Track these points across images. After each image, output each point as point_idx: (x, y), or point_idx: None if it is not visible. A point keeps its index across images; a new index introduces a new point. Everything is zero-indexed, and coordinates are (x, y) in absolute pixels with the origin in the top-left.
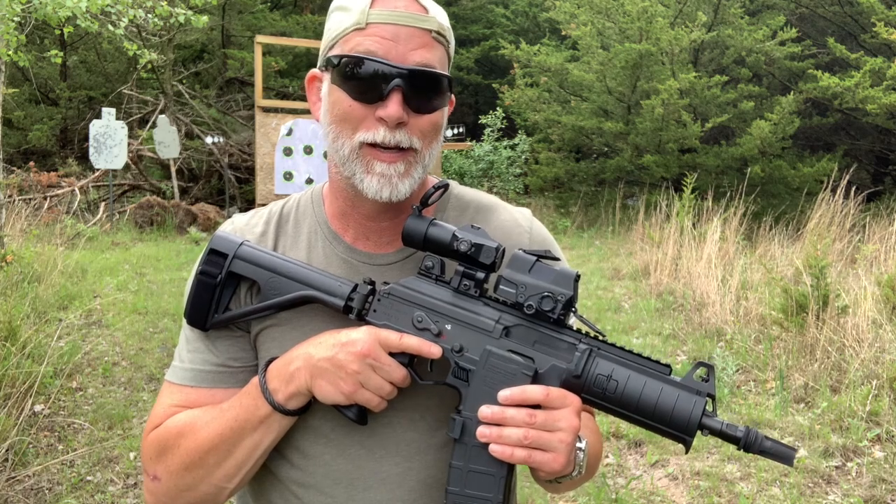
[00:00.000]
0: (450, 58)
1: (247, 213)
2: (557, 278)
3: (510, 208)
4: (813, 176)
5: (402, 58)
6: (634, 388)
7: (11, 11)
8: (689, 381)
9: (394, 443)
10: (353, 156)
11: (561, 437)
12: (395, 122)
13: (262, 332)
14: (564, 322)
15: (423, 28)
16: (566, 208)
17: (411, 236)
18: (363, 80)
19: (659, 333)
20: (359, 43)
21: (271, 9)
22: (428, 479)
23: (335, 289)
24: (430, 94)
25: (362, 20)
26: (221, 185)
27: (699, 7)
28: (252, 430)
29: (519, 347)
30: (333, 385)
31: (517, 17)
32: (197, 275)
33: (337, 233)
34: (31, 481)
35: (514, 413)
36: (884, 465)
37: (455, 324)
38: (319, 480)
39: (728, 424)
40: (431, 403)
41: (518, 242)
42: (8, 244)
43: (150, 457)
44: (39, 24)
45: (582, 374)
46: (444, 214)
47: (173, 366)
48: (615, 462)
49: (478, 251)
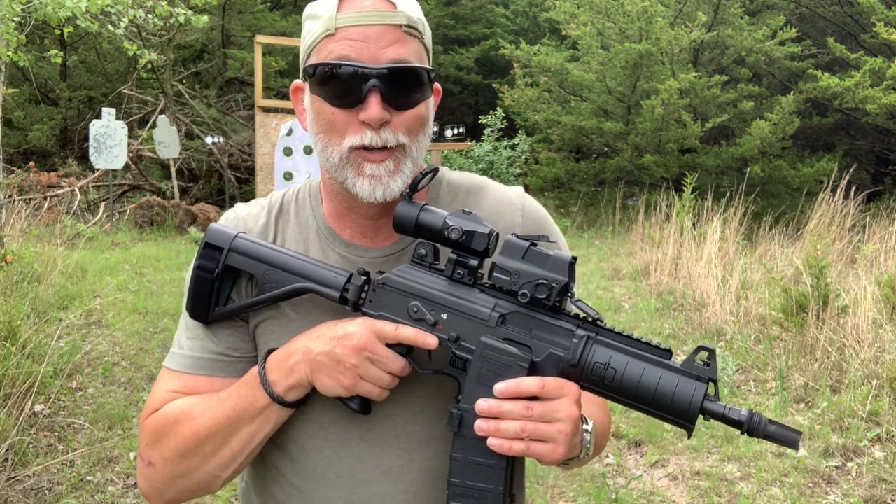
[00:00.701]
0: (427, 48)
1: (248, 203)
2: (552, 264)
3: (501, 187)
4: (813, 176)
5: (374, 57)
6: (633, 375)
7: (12, 11)
8: (689, 366)
9: (394, 435)
10: (344, 161)
11: (559, 427)
12: (378, 123)
13: (261, 325)
14: (561, 308)
15: (392, 24)
16: (566, 208)
17: (402, 222)
18: (340, 85)
19: (659, 333)
20: (331, 50)
21: (271, 9)
22: (430, 471)
23: (330, 280)
24: (408, 88)
25: (331, 26)
26: (221, 185)
27: (699, 7)
28: (250, 421)
29: (515, 335)
30: (333, 379)
31: (517, 17)
32: (194, 269)
33: (334, 230)
34: (31, 481)
35: (510, 406)
36: (884, 465)
37: (451, 313)
38: (322, 474)
39: (730, 408)
40: (431, 394)
41: (511, 221)
42: (8, 244)
43: (146, 442)
44: (39, 24)
45: (579, 363)
46: (437, 198)
47: (172, 352)
48: (615, 462)
49: (470, 238)
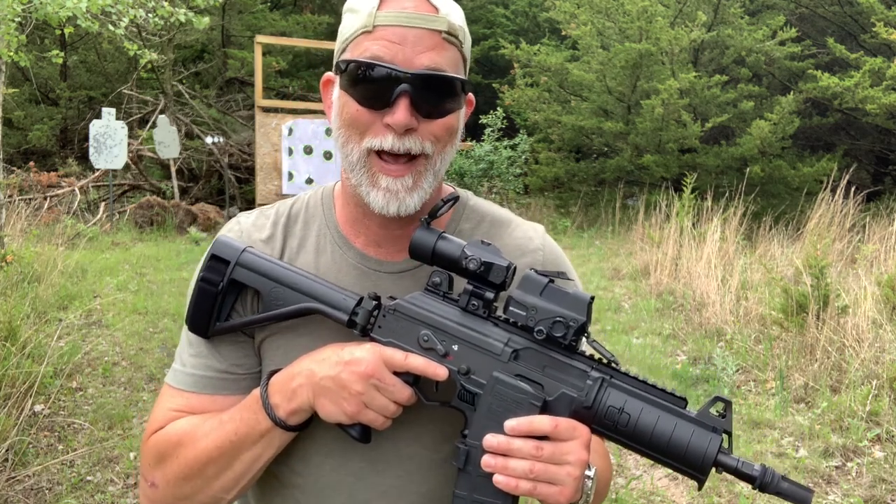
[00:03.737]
0: (465, 58)
1: (252, 213)
2: (570, 302)
3: (524, 224)
4: (813, 176)
5: (408, 61)
6: (647, 422)
7: (12, 12)
8: (704, 417)
9: (396, 457)
10: (361, 164)
11: (569, 470)
12: (403, 129)
13: (267, 340)
14: (576, 347)
15: (431, 29)
16: (566, 208)
17: (419, 250)
18: (369, 85)
19: (659, 333)
20: (366, 48)
21: (271, 9)
22: (429, 493)
23: (339, 302)
24: (440, 97)
25: (369, 23)
26: (221, 185)
27: (699, 7)
28: (252, 444)
29: (528, 372)
30: (336, 405)
31: (517, 17)
32: (198, 281)
33: (347, 238)
34: (31, 481)
35: (520, 444)
36: (884, 465)
37: (462, 344)
38: (320, 489)
39: (744, 462)
40: (436, 418)
41: (532, 259)
42: (8, 244)
43: (149, 463)
44: (39, 24)
45: (593, 406)
46: (457, 226)
47: (174, 369)
48: (615, 462)
49: (487, 270)
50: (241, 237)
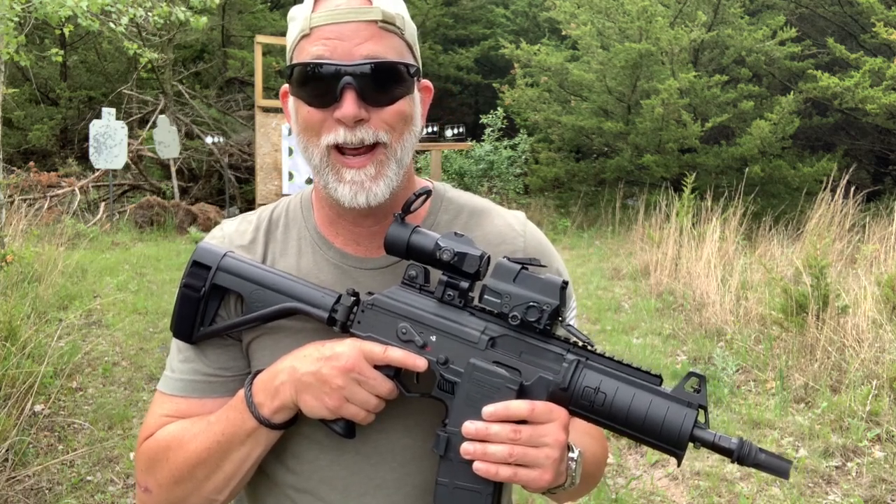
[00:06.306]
0: (409, 43)
1: (235, 219)
2: (543, 287)
3: (504, 212)
4: (813, 176)
5: (348, 54)
6: (623, 401)
7: (12, 11)
8: (679, 393)
9: (389, 449)
10: (324, 163)
11: (547, 452)
12: (353, 121)
13: (254, 342)
14: (552, 332)
15: (366, 20)
16: (566, 208)
17: (394, 245)
18: (315, 84)
19: (659, 333)
20: (307, 51)
21: (271, 9)
22: (424, 485)
23: (318, 300)
24: (385, 85)
25: (306, 26)
26: (221, 185)
27: (699, 7)
28: (240, 444)
29: (505, 359)
30: (318, 400)
31: (517, 17)
32: (181, 288)
33: (327, 238)
34: (31, 481)
35: (498, 429)
36: (884, 465)
37: (440, 335)
38: (315, 486)
39: (720, 436)
40: (426, 408)
41: (513, 247)
42: (8, 244)
43: (142, 469)
44: (39, 24)
45: (569, 387)
46: (435, 218)
47: (165, 376)
48: (615, 462)
49: (461, 260)
50: (223, 243)
